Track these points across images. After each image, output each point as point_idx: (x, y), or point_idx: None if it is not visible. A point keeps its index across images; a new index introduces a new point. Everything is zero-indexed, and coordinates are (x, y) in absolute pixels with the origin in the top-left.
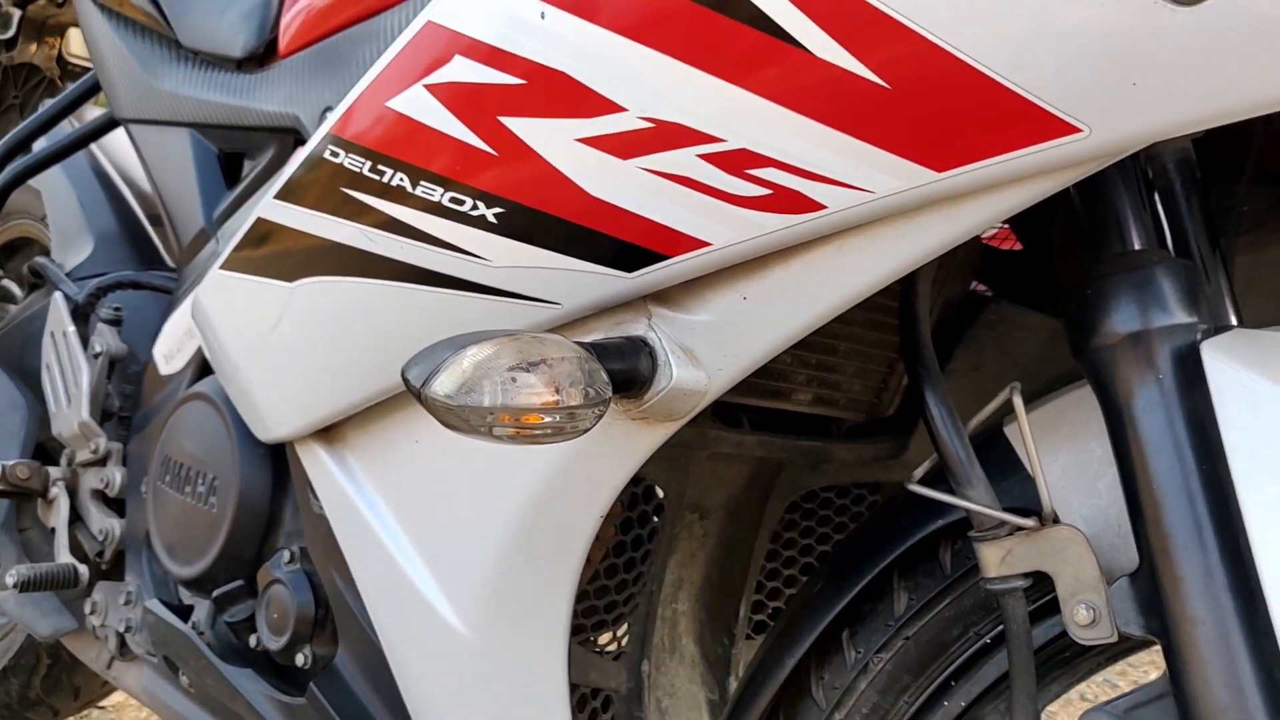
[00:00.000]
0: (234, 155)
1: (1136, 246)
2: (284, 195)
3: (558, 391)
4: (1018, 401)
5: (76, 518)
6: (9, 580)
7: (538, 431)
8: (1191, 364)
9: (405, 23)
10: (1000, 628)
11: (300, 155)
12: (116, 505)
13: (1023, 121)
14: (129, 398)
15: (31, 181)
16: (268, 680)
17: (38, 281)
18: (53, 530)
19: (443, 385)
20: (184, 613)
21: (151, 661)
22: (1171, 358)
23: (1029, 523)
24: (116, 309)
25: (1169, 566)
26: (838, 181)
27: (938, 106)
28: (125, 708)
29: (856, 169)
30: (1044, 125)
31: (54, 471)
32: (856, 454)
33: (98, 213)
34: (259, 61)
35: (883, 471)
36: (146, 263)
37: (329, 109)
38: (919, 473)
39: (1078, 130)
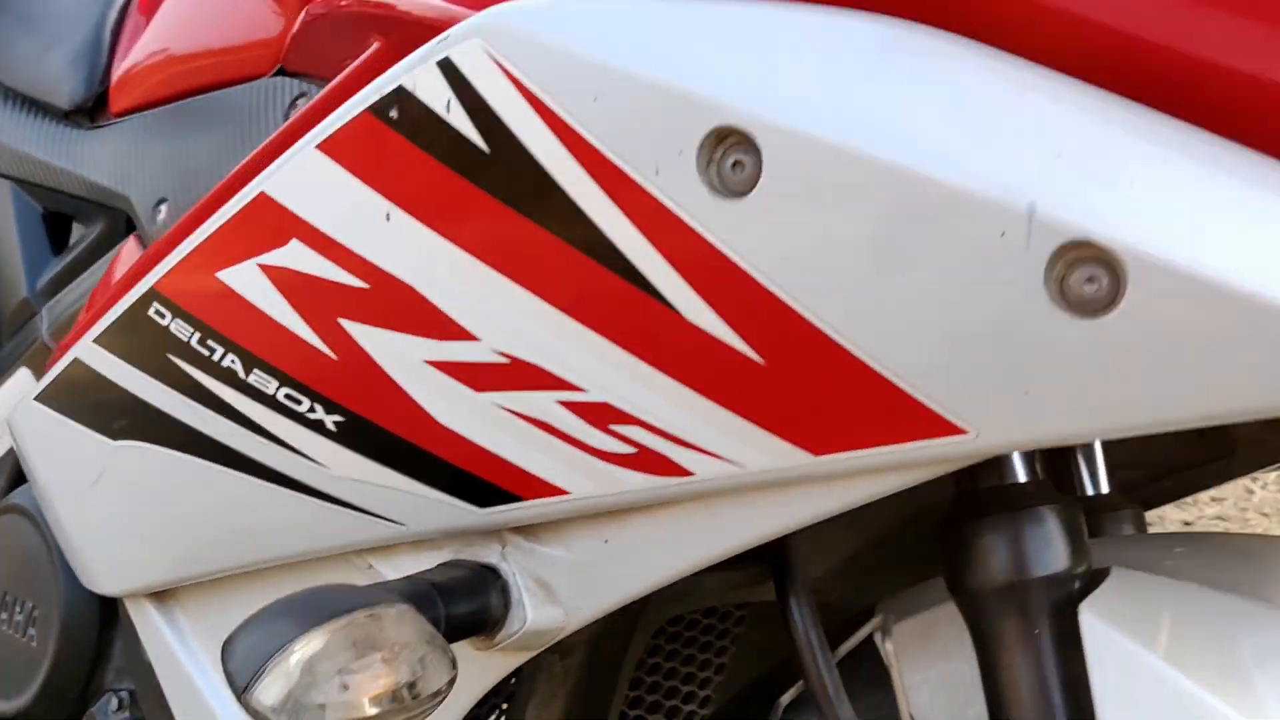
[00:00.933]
0: (60, 215)
1: (1018, 479)
2: (104, 342)
3: (396, 689)
4: (887, 634)
5: None
6: None
7: None
8: (1069, 618)
9: (255, 108)
10: None
11: (122, 303)
12: None
13: (906, 417)
14: None
15: None
16: None
17: None
18: None
19: (267, 694)
20: None
21: None
22: (1049, 611)
23: None
24: None
25: None
26: (707, 451)
27: (816, 390)
28: None
29: (727, 441)
30: (927, 423)
31: None
32: (725, 580)
33: None
34: (89, 115)
35: (750, 594)
36: None
37: (163, 201)
38: (786, 698)
39: (963, 432)
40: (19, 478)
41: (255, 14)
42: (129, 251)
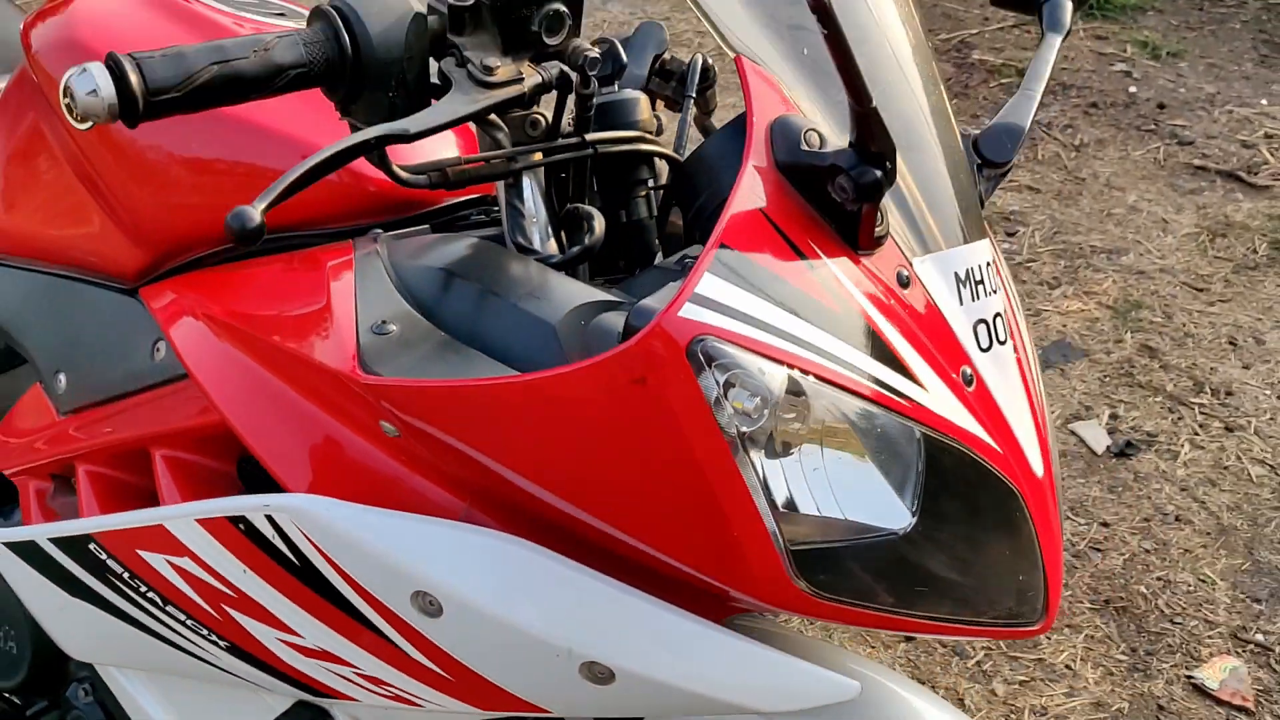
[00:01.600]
0: None
1: None
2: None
3: None
4: None
5: None
6: None
7: None
8: None
9: (121, 326)
10: None
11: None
12: None
13: None
14: None
15: None
16: None
17: None
18: None
19: None
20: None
21: None
22: None
23: None
24: None
25: None
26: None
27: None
28: None
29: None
30: None
31: None
32: None
33: None
34: None
35: None
36: None
37: (60, 372)
38: None
39: None
40: None
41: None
42: (36, 406)
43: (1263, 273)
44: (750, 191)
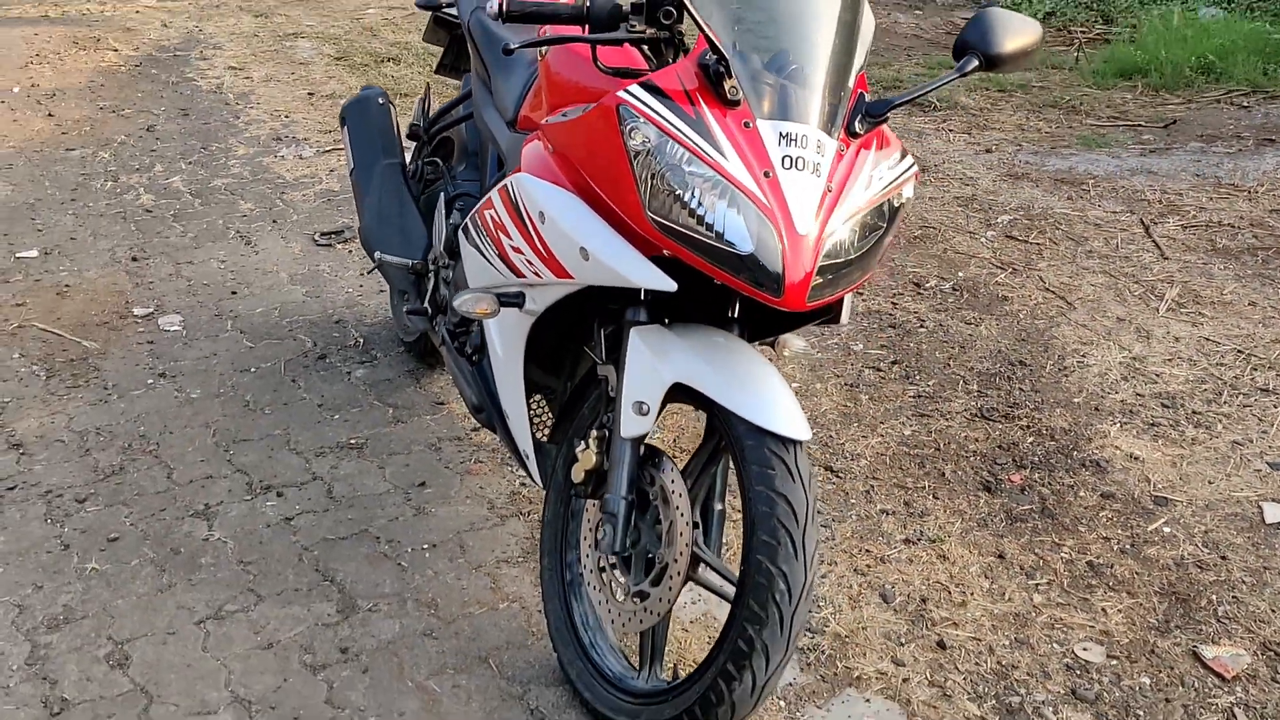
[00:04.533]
0: None
1: None
2: None
3: None
4: None
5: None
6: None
7: None
8: None
9: None
10: None
11: None
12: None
13: None
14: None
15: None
16: None
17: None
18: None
19: None
20: None
21: None
22: None
23: None
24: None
25: None
26: None
27: None
28: None
29: None
30: None
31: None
32: None
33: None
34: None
35: None
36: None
37: None
38: None
39: None
40: None
41: None
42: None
43: None
44: (673, 72)
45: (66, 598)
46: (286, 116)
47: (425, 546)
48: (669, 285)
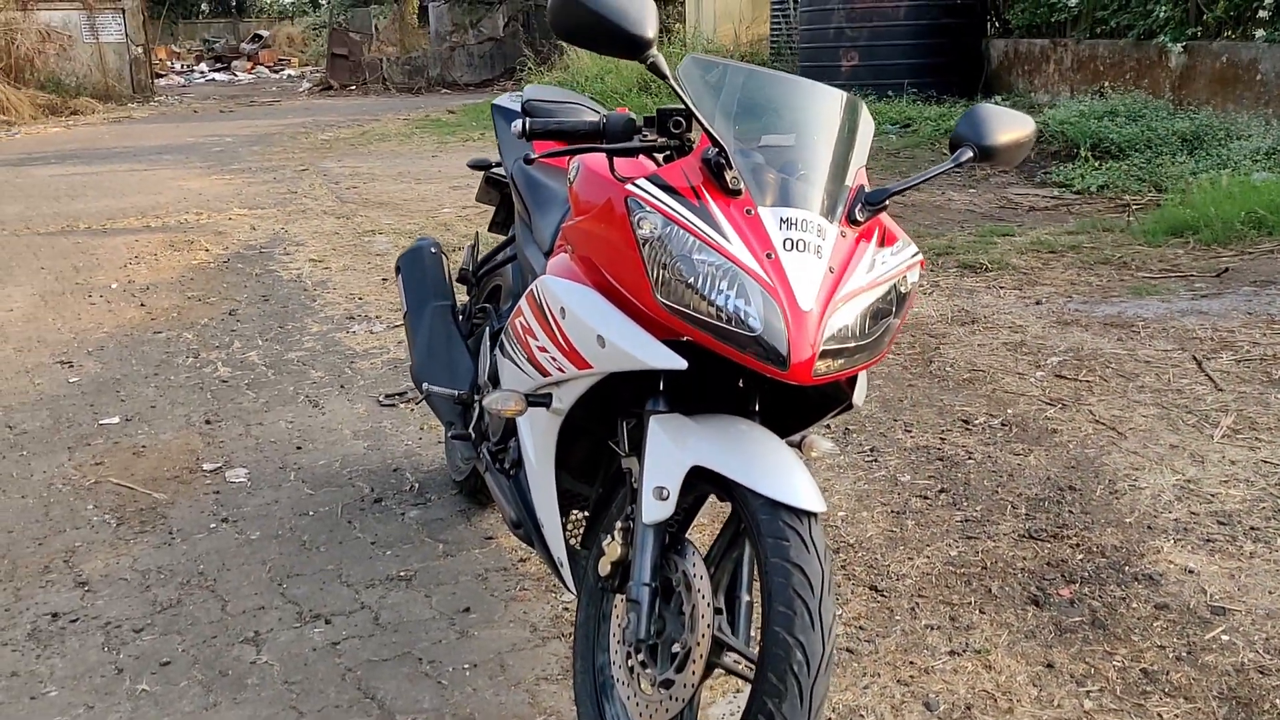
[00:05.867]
0: None
1: None
2: None
3: None
4: None
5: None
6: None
7: None
8: None
9: None
10: None
11: None
12: None
13: None
14: None
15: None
16: None
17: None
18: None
19: None
20: None
21: None
22: None
23: None
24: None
25: None
26: None
27: None
28: None
29: None
30: None
31: None
32: None
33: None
34: None
35: None
36: None
37: None
38: None
39: None
40: None
41: None
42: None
43: None
44: (678, 167)
45: (115, 717)
46: (360, 299)
47: (466, 666)
48: (679, 364)
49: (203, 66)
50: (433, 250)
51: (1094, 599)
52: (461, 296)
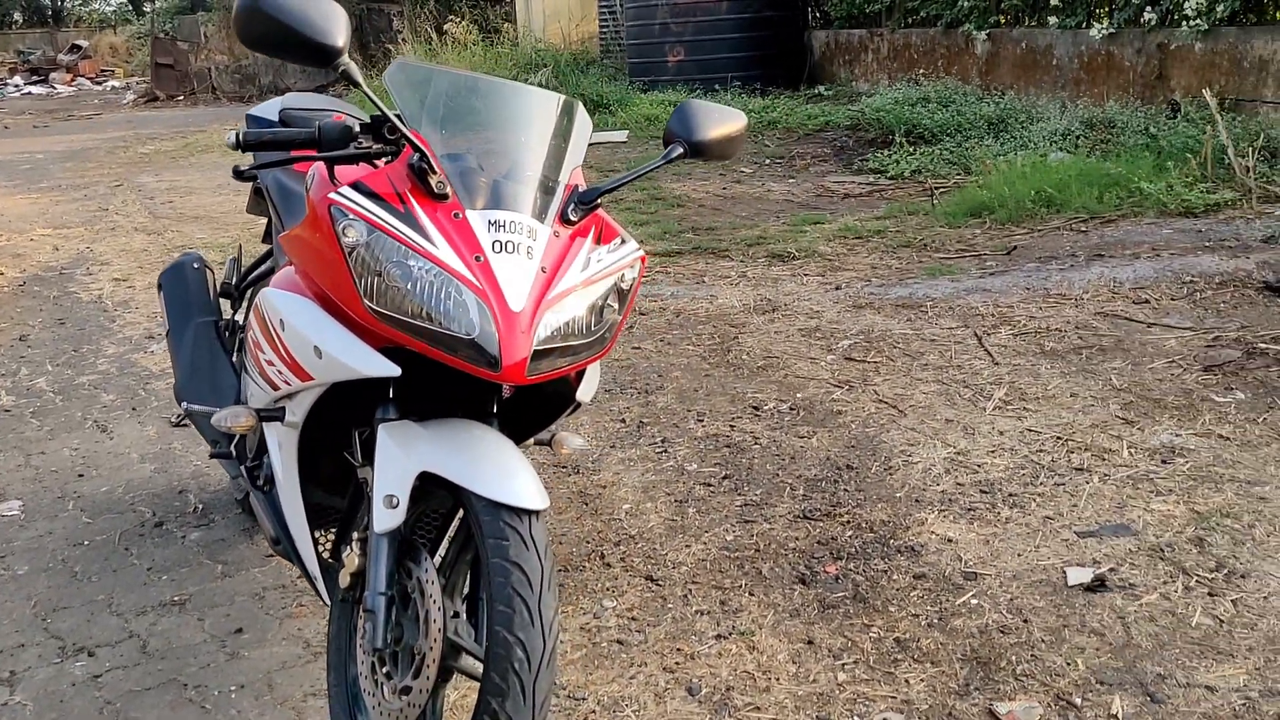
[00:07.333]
0: None
1: None
2: None
3: None
4: None
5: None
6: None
7: None
8: None
9: None
10: None
11: None
12: None
13: None
14: None
15: None
16: None
17: None
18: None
19: None
20: None
21: None
22: None
23: None
24: None
25: None
26: None
27: None
28: None
29: None
30: None
31: None
32: None
33: None
34: None
35: None
36: None
37: None
38: None
39: None
40: None
41: None
42: None
43: None
44: (384, 173)
45: None
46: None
47: (233, 688)
48: (393, 371)
49: (17, 79)
50: (195, 265)
51: (858, 574)
52: (229, 312)
